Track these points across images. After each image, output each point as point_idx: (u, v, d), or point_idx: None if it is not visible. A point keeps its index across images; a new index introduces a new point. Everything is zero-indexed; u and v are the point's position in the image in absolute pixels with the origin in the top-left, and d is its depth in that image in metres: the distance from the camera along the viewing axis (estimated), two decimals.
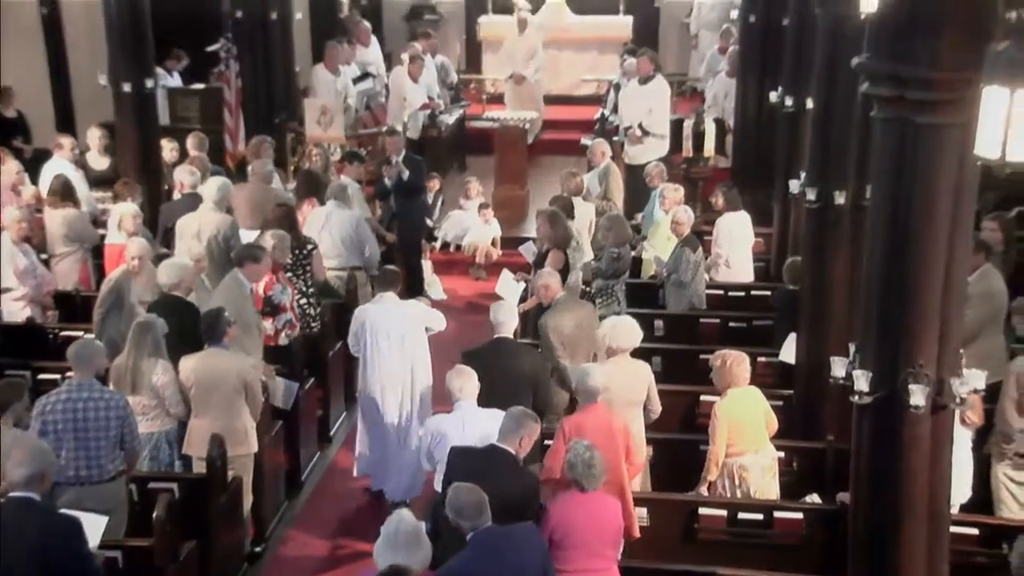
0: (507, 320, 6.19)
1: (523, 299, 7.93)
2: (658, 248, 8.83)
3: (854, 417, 4.63)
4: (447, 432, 5.47)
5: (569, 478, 4.98)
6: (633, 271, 8.66)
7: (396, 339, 6.77)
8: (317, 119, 10.82)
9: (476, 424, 5.37)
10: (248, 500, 6.33)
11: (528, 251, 8.74)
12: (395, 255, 9.52)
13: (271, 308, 7.28)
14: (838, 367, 4.65)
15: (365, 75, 13.05)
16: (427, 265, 10.38)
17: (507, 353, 6.10)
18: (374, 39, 14.13)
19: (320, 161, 9.97)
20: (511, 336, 6.21)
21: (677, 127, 11.36)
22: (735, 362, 6.05)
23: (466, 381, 5.56)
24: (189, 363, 6.18)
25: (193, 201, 8.46)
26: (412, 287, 9.51)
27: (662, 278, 8.44)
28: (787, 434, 6.51)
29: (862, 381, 4.43)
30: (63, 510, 4.76)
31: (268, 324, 7.24)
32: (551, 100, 15.34)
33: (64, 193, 8.61)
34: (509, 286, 8.11)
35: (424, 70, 12.58)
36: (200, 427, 6.13)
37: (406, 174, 9.74)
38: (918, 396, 4.30)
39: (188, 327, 6.42)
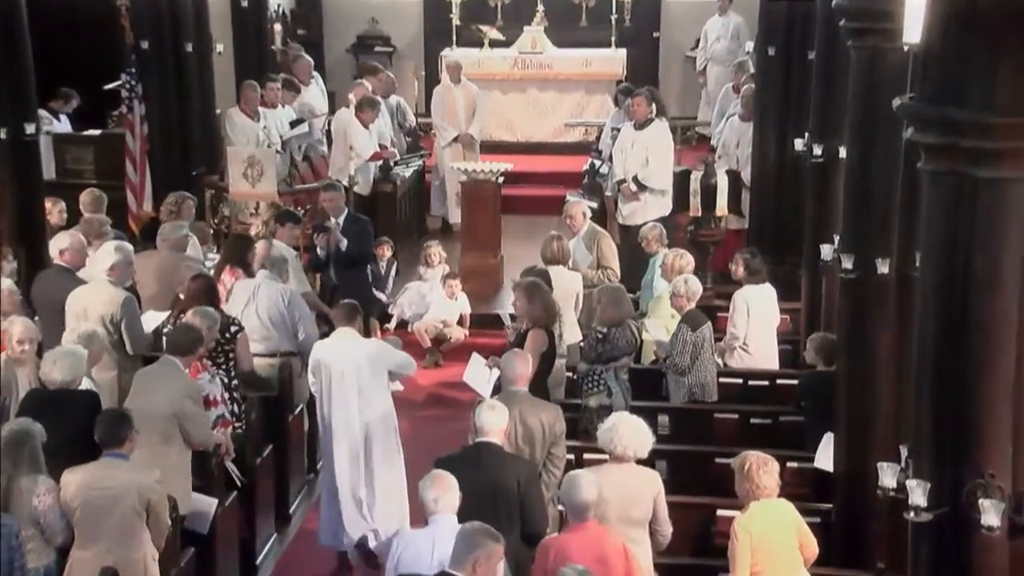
0: (493, 422, 6.10)
1: (497, 389, 7.83)
2: (660, 327, 8.83)
3: (910, 539, 4.58)
4: (415, 553, 5.48)
5: None
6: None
7: (351, 381, 7.34)
8: (243, 172, 10.79)
9: (451, 545, 5.27)
10: None
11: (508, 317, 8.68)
12: None
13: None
14: (887, 475, 4.62)
15: (302, 118, 13.11)
16: None
17: (490, 463, 6.04)
18: (316, 76, 14.27)
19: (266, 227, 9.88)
20: (497, 442, 6.12)
21: (682, 181, 11.41)
22: (758, 467, 6.00)
23: (443, 491, 5.51)
24: (75, 477, 6.01)
25: (64, 276, 8.28)
26: None
27: (664, 363, 8.45)
28: (827, 560, 6.43)
29: (918, 493, 4.38)
30: None
31: None
32: (530, 149, 15.47)
33: None
34: (479, 374, 8.11)
35: (376, 114, 12.67)
36: (85, 560, 5.94)
37: (344, 243, 9.71)
38: (991, 514, 4.23)
39: (79, 431, 6.26)
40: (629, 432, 6.12)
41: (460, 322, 11.05)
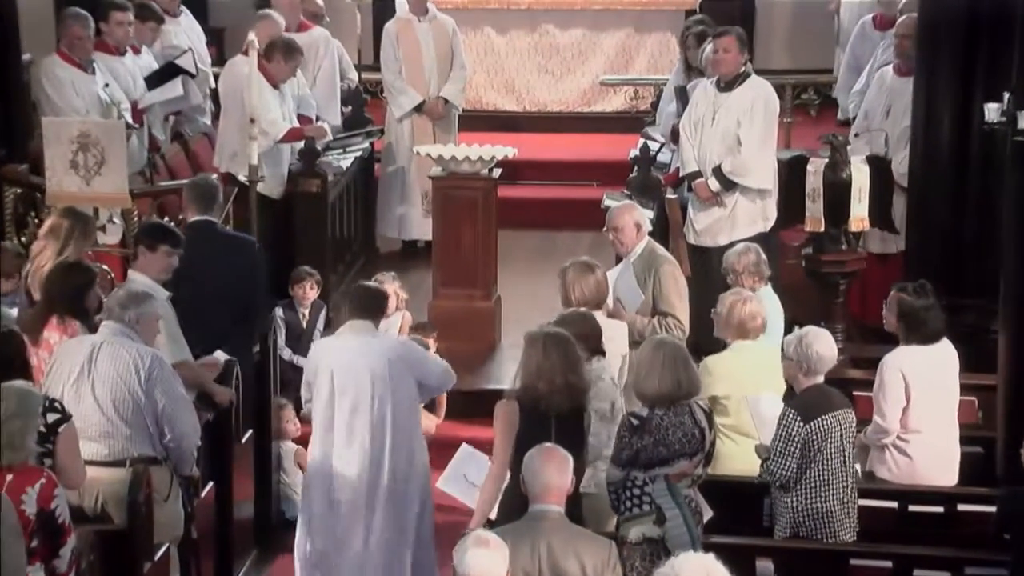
0: (485, 567, 6.18)
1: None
2: (760, 412, 8.99)
3: None
4: None
5: None
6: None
7: (363, 394, 8.47)
8: (71, 158, 10.83)
9: None
10: None
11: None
12: None
13: (52, 532, 7.20)
14: None
15: (170, 70, 13.16)
16: (288, 450, 10.35)
17: None
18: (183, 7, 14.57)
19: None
20: None
21: (794, 174, 11.56)
22: None
23: None
24: None
25: None
26: None
27: (764, 473, 8.65)
28: None
29: None
30: None
31: (34, 567, 7.08)
32: (545, 123, 15.64)
33: None
34: (472, 471, 8.67)
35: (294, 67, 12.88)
36: None
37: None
38: None
39: None
40: None
41: (432, 406, 11.07)
